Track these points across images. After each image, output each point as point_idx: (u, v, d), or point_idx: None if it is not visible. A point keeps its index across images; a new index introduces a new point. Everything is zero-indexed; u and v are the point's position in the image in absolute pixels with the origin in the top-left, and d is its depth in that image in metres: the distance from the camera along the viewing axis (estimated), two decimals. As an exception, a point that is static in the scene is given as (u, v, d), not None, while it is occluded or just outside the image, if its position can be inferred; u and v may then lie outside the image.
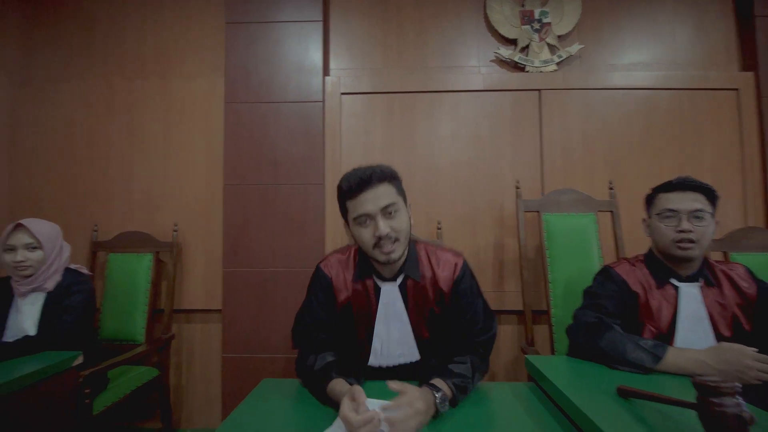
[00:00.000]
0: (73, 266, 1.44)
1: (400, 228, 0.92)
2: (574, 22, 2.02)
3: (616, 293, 1.10)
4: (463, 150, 1.94)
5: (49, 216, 1.91)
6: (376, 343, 0.99)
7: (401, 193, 0.97)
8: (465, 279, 1.02)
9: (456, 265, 1.03)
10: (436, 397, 0.77)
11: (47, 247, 1.32)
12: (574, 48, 1.99)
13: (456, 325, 1.02)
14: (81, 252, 1.94)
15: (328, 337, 1.00)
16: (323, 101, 1.96)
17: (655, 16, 2.04)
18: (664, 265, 1.10)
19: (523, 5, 2.04)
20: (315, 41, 1.96)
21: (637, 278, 1.11)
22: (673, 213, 1.06)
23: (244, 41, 1.96)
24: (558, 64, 2.00)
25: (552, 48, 2.01)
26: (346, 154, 1.98)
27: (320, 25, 1.96)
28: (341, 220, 1.02)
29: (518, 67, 2.02)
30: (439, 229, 1.81)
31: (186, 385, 1.99)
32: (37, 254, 1.30)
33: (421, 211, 1.92)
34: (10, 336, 1.29)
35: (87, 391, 1.31)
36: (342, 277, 1.03)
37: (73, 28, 2.14)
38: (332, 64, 2.08)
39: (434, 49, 2.06)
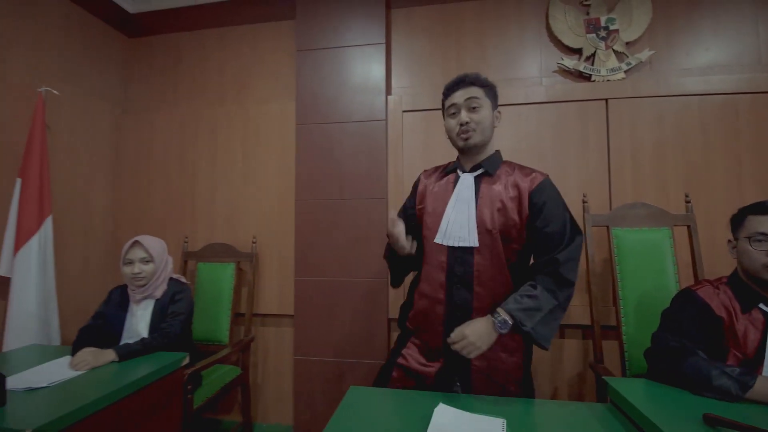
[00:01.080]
0: (174, 276, 1.64)
1: (480, 120, 1.11)
2: (643, 27, 1.94)
3: (698, 317, 1.07)
4: (526, 163, 1.93)
5: (146, 229, 2.20)
6: (444, 224, 1.13)
7: (490, 97, 1.14)
8: (546, 187, 1.10)
9: (539, 176, 1.13)
10: (494, 321, 0.99)
11: (157, 260, 1.53)
12: (645, 54, 1.92)
13: (537, 237, 1.08)
14: (174, 262, 2.19)
15: (404, 217, 1.23)
16: (386, 119, 2.05)
17: (734, 14, 1.91)
18: (752, 289, 1.06)
19: (587, 13, 2.00)
20: (378, 62, 2.06)
21: (721, 302, 1.08)
22: (765, 237, 1.02)
23: (312, 66, 2.11)
24: (626, 71, 1.94)
25: (620, 55, 1.96)
26: (408, 170, 2.05)
27: (383, 47, 2.06)
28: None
29: (583, 77, 1.98)
30: (501, 242, 1.83)
31: (261, 383, 2.18)
32: (149, 267, 1.51)
33: (482, 225, 1.95)
34: (126, 337, 1.50)
35: (189, 387, 1.50)
36: (430, 176, 1.28)
37: (163, 64, 2.44)
38: (394, 83, 2.17)
39: (494, 63, 2.08)
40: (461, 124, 1.11)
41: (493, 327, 0.99)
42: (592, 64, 1.97)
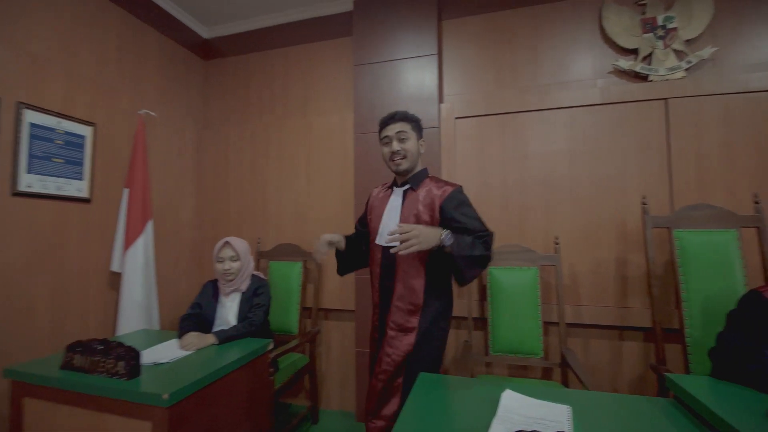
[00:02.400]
0: (255, 273, 1.86)
1: (408, 149, 1.36)
2: (704, 23, 1.90)
3: (764, 318, 1.08)
4: (580, 165, 1.97)
5: (225, 232, 2.47)
6: (381, 228, 1.42)
7: (416, 130, 1.40)
8: (455, 196, 1.33)
9: (449, 187, 1.35)
10: (443, 232, 1.18)
11: (243, 258, 1.76)
12: (706, 51, 1.87)
13: (457, 226, 1.27)
14: (247, 259, 2.45)
15: (359, 228, 1.59)
16: (439, 126, 2.16)
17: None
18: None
19: (644, 13, 1.99)
20: (430, 72, 2.17)
21: (788, 303, 1.08)
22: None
23: (369, 79, 2.27)
24: (687, 69, 1.90)
25: (679, 54, 1.92)
26: (461, 174, 2.15)
27: (435, 57, 2.17)
28: None
29: (640, 77, 1.97)
30: (557, 243, 1.87)
31: (326, 372, 2.37)
32: (237, 264, 1.74)
33: (537, 226, 2.00)
34: (218, 324, 1.74)
35: (271, 370, 1.70)
36: (377, 191, 1.54)
37: (236, 83, 2.72)
38: (446, 91, 2.27)
39: (547, 66, 2.12)
40: (393, 152, 1.36)
41: (440, 235, 1.18)
42: (650, 64, 1.95)
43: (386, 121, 1.41)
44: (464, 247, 1.20)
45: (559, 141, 2.00)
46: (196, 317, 1.71)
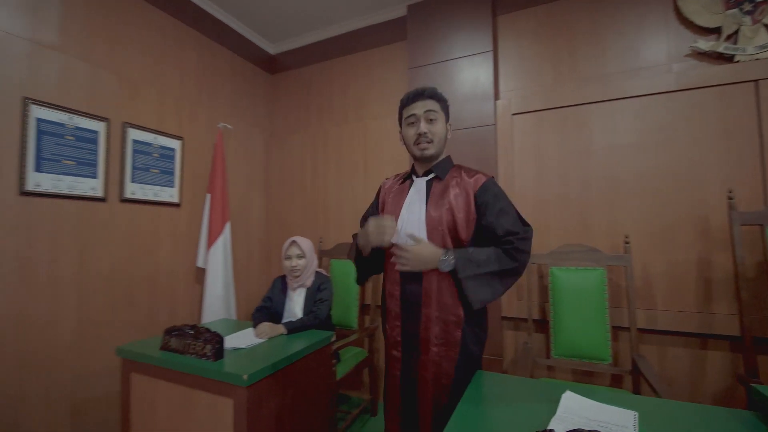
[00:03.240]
0: (319, 269, 2.00)
1: (435, 132, 1.19)
2: (807, -9, 1.66)
3: None
4: (651, 158, 1.82)
5: (290, 232, 2.65)
6: (399, 224, 1.21)
7: (444, 111, 1.24)
8: (490, 187, 1.18)
9: (482, 177, 1.20)
10: (442, 256, 1.09)
11: (309, 256, 1.89)
12: (810, 23, 1.64)
13: (490, 230, 1.14)
14: (310, 257, 2.62)
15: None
16: (495, 124, 2.13)
17: None
18: None
19: (727, -13, 1.79)
20: (486, 70, 2.15)
21: None
22: None
23: (423, 81, 2.30)
24: (783, 46, 1.68)
25: (774, 28, 1.70)
26: (519, 171, 2.10)
27: (490, 54, 2.15)
28: None
29: (724, 58, 1.77)
30: (626, 243, 1.76)
31: (384, 367, 2.45)
32: (303, 261, 1.88)
33: (603, 224, 1.90)
34: (286, 316, 1.89)
35: (333, 360, 1.82)
36: (390, 183, 1.37)
37: (298, 93, 2.91)
38: (502, 87, 2.24)
39: (612, 54, 1.99)
40: (420, 134, 1.18)
41: (438, 260, 1.10)
42: (735, 43, 1.75)
43: (413, 98, 1.21)
44: (471, 267, 1.09)
45: (627, 133, 1.87)
46: (268, 309, 1.88)
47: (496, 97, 2.18)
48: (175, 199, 2.22)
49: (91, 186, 1.80)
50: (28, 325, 1.60)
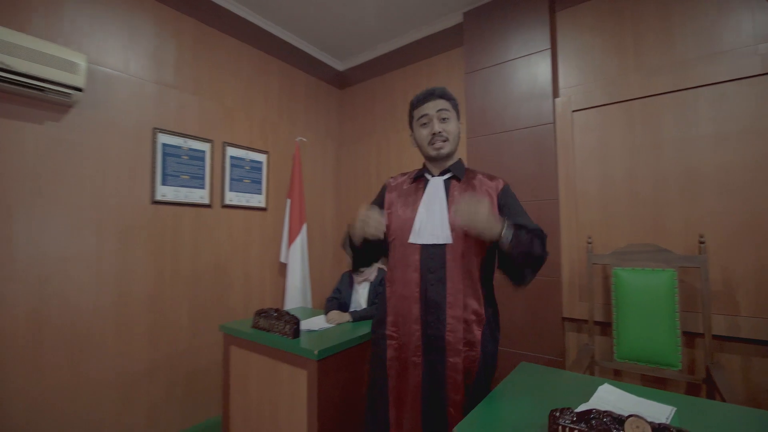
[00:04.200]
0: (380, 265, 2.19)
1: (449, 131, 1.20)
2: None
3: None
4: (732, 150, 1.66)
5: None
6: (417, 224, 1.19)
7: (455, 110, 1.24)
8: (509, 191, 1.22)
9: (501, 181, 1.24)
10: (505, 221, 1.05)
11: (370, 253, 2.10)
12: None
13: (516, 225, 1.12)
14: (375, 255, 2.85)
15: None
16: (554, 122, 2.11)
17: None
18: None
19: (836, -52, 1.56)
20: (543, 68, 2.14)
21: None
22: None
23: (480, 85, 2.37)
24: None
25: None
26: (581, 169, 2.05)
27: (548, 52, 2.13)
28: (577, 234, 1.23)
29: (830, 31, 1.55)
30: (701, 242, 1.63)
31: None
32: (366, 258, 2.09)
33: (675, 223, 1.78)
34: (353, 306, 2.12)
35: (394, 349, 1.99)
36: (398, 182, 1.34)
37: (363, 104, 3.16)
38: (561, 84, 2.20)
39: (684, 40, 1.84)
40: (434, 134, 1.19)
41: (502, 227, 1.04)
42: None
43: (424, 98, 1.22)
44: (524, 243, 1.06)
45: (702, 123, 1.73)
46: (337, 300, 2.13)
47: (555, 94, 2.16)
48: (263, 204, 2.61)
49: (200, 195, 2.24)
50: (157, 306, 2.06)
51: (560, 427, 0.78)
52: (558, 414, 0.79)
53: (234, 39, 2.53)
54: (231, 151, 2.42)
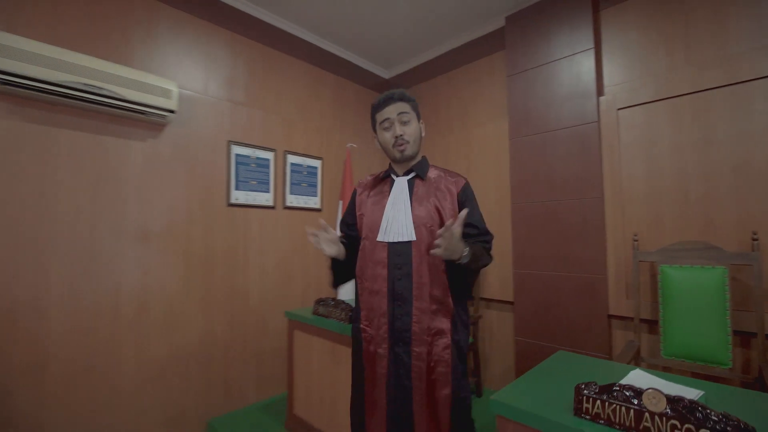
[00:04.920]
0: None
1: (411, 132, 1.26)
2: None
3: None
4: (793, 145, 1.60)
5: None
6: (384, 223, 1.25)
7: (415, 110, 1.30)
8: (468, 188, 1.30)
9: (461, 179, 1.31)
10: (465, 247, 1.12)
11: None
12: None
13: (468, 224, 1.24)
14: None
15: (346, 230, 1.44)
16: (598, 121, 2.13)
17: None
18: None
19: None
20: (587, 67, 2.17)
21: None
22: None
23: (522, 86, 2.43)
24: None
25: None
26: (627, 167, 2.06)
27: (591, 51, 2.15)
28: (623, 232, 1.33)
29: None
30: (754, 239, 1.60)
31: (490, 355, 2.66)
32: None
33: (727, 220, 1.74)
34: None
35: (439, 339, 2.14)
36: (367, 183, 1.42)
37: (409, 107, 3.33)
38: (606, 82, 2.21)
39: (738, 32, 1.79)
40: (396, 137, 1.24)
41: (462, 251, 1.12)
42: None
43: (383, 102, 1.26)
44: (477, 259, 1.15)
45: (756, 118, 1.68)
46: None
47: (599, 93, 2.17)
48: (318, 206, 2.87)
49: (266, 198, 2.55)
50: (233, 293, 2.38)
51: (584, 398, 0.89)
52: (583, 386, 0.90)
53: (293, 58, 2.81)
54: (291, 159, 2.70)
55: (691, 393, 0.98)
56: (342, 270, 1.40)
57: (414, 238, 1.21)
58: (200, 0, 2.18)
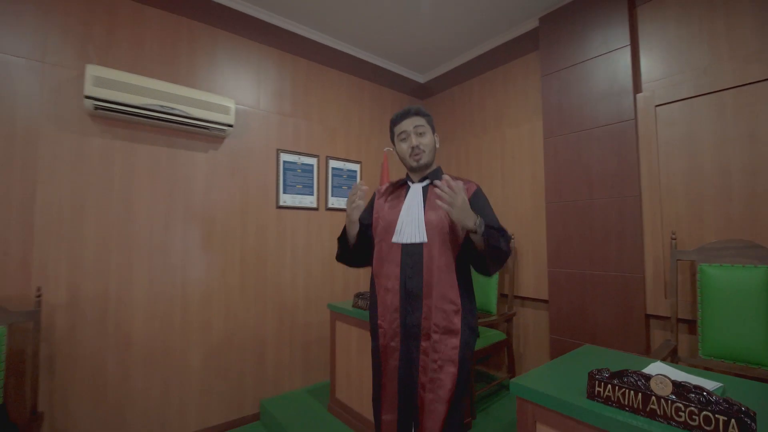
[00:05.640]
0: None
1: (426, 143, 1.35)
2: None
3: None
4: None
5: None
6: (398, 225, 1.34)
7: (430, 124, 1.39)
8: (480, 194, 1.35)
9: (473, 185, 1.37)
10: (477, 218, 1.17)
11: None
12: None
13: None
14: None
15: (361, 229, 1.44)
16: (635, 118, 2.11)
17: None
18: None
19: None
20: (623, 65, 2.15)
21: None
22: None
23: (557, 86, 2.45)
24: None
25: None
26: (665, 164, 2.03)
27: (627, 49, 2.14)
28: (662, 230, 1.60)
29: None
30: (802, 238, 1.54)
31: (524, 353, 2.69)
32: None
33: (773, 218, 1.69)
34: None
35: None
36: (384, 190, 1.51)
37: (444, 112, 3.42)
38: (644, 78, 2.18)
39: (792, 21, 1.72)
40: (412, 147, 1.34)
41: (476, 218, 1.17)
42: None
43: (401, 117, 1.38)
44: (494, 237, 1.18)
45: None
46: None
47: (637, 90, 2.15)
48: (357, 207, 3.06)
49: (310, 200, 2.77)
50: (281, 287, 2.62)
51: (597, 382, 0.97)
52: (596, 372, 0.98)
53: (334, 70, 3.02)
54: (332, 163, 2.91)
55: (710, 384, 1.03)
56: (347, 247, 1.46)
57: (425, 240, 1.29)
58: (255, 25, 2.44)
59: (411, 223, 1.32)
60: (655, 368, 1.13)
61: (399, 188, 1.47)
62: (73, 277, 1.90)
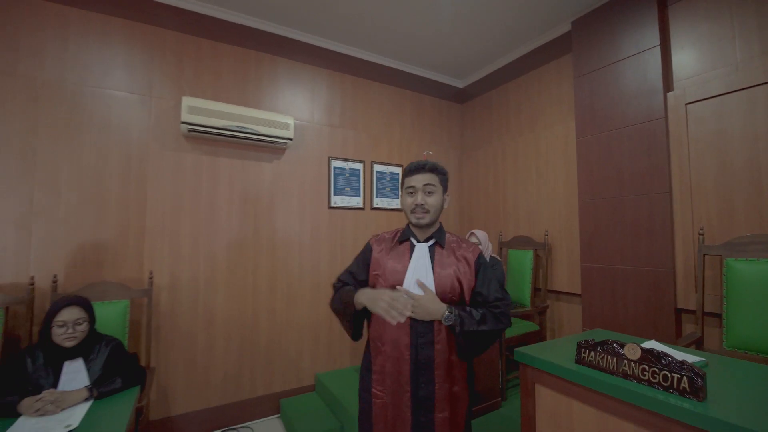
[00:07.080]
0: (492, 255, 2.63)
1: (432, 204, 1.29)
2: None
3: None
4: None
5: (478, 225, 3.36)
6: (405, 285, 1.25)
7: (443, 184, 1.34)
8: (482, 257, 1.32)
9: (477, 248, 1.35)
10: (446, 311, 1.19)
11: (483, 243, 2.57)
12: None
13: (476, 292, 1.28)
14: (494, 247, 3.25)
15: (354, 284, 1.38)
16: (665, 116, 2.16)
17: None
18: None
19: None
20: (653, 65, 2.21)
21: None
22: None
23: (589, 88, 2.54)
24: None
25: None
26: (696, 161, 2.06)
27: (657, 49, 2.19)
28: (693, 227, 1.71)
29: None
30: (831, 232, 1.56)
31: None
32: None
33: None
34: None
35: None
36: (382, 242, 1.40)
37: (481, 116, 3.60)
38: (675, 77, 2.21)
39: (828, 14, 1.71)
40: (417, 204, 1.28)
41: (442, 313, 1.19)
42: None
43: (413, 171, 1.31)
44: (471, 324, 1.18)
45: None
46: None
47: (667, 89, 2.19)
48: (397, 206, 3.36)
49: (357, 201, 3.12)
50: (331, 278, 3.00)
51: (583, 349, 1.17)
52: (583, 342, 1.18)
53: (377, 83, 3.35)
54: (376, 168, 3.24)
55: (694, 359, 1.17)
56: (363, 319, 1.36)
57: (432, 292, 1.24)
58: (309, 50, 2.84)
59: (416, 285, 1.25)
60: (650, 345, 1.29)
61: (401, 245, 1.36)
62: (174, 264, 2.42)
